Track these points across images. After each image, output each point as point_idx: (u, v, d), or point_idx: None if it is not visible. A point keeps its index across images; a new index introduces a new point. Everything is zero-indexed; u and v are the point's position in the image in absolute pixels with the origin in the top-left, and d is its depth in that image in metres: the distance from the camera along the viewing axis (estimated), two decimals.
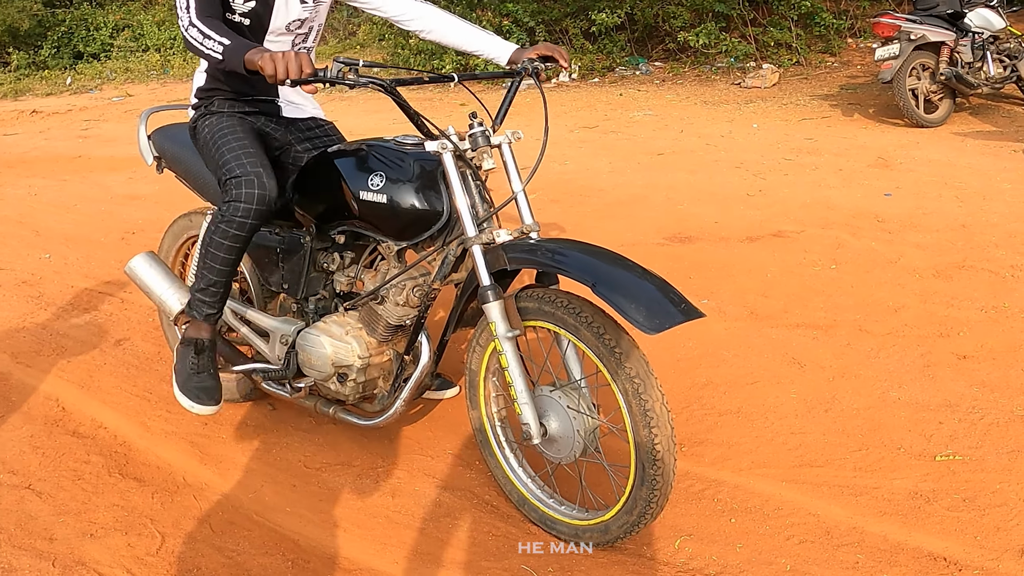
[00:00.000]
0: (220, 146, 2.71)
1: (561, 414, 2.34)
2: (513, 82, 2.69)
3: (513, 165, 2.50)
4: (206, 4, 2.49)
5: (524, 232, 2.43)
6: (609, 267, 2.20)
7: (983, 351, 3.36)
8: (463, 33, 2.88)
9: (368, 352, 2.72)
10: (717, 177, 6.27)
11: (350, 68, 2.21)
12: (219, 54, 2.35)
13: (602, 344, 2.18)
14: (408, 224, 2.55)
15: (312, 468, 2.96)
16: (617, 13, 11.43)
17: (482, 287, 2.35)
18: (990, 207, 5.15)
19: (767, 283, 4.17)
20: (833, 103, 8.93)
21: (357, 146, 2.72)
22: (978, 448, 2.76)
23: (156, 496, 2.84)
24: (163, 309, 3.18)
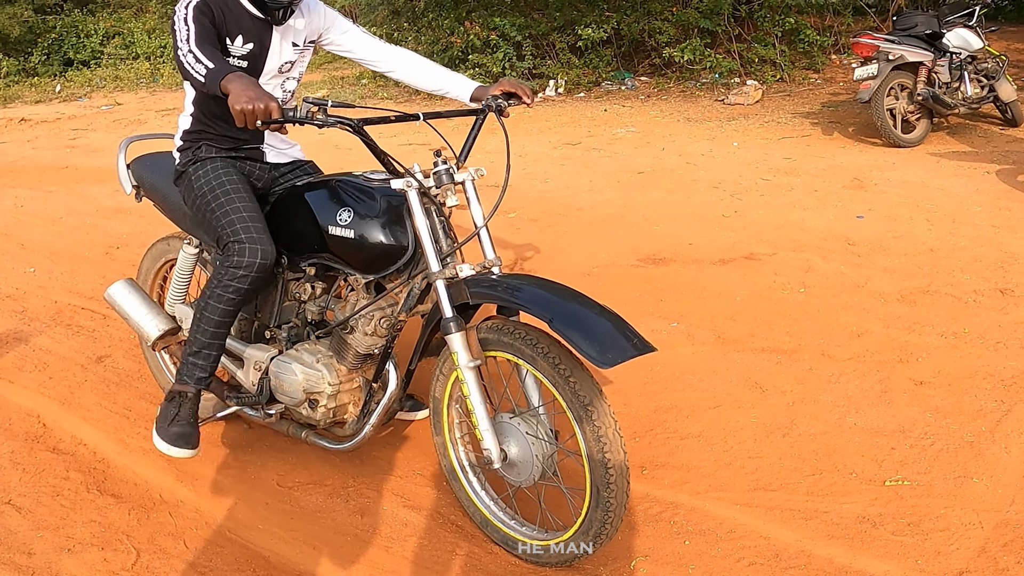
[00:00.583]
0: (221, 203, 2.78)
1: (520, 440, 2.44)
2: (477, 119, 2.80)
3: (476, 202, 2.61)
4: (205, 36, 2.56)
5: (486, 267, 2.54)
6: (566, 303, 2.30)
7: (940, 377, 3.47)
8: (427, 73, 3.03)
9: (338, 379, 2.81)
10: (695, 197, 6.37)
11: (319, 108, 2.28)
12: (202, 76, 2.41)
13: (557, 373, 2.29)
14: (375, 258, 2.65)
15: (285, 487, 3.04)
16: (603, 28, 11.55)
17: (445, 319, 2.45)
18: (959, 230, 5.26)
19: (736, 306, 4.27)
20: (814, 121, 9.05)
21: (326, 180, 2.83)
22: (926, 474, 2.86)
23: (133, 512, 2.91)
24: (141, 335, 3.26)
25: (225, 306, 2.74)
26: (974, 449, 2.97)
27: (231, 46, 2.74)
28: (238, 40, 2.75)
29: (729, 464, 3.00)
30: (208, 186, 2.84)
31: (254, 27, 2.78)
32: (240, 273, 2.70)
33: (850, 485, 2.83)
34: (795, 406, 3.33)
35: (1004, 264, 4.64)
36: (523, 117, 10.46)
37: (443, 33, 12.31)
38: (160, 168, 3.24)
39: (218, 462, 3.21)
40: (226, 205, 2.78)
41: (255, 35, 2.79)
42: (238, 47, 2.76)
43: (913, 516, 2.64)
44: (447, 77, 3.02)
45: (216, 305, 2.74)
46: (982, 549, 2.48)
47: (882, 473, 2.87)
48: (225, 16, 2.71)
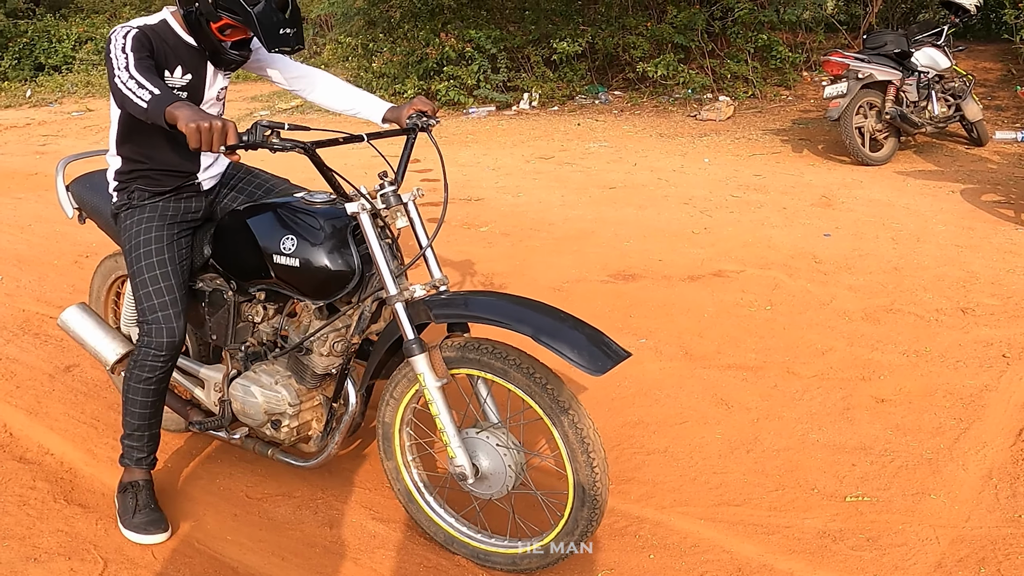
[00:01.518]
0: (139, 272, 2.78)
1: (491, 452, 2.46)
2: (408, 139, 2.82)
3: (419, 222, 2.62)
4: (146, 64, 2.51)
5: (435, 286, 2.55)
6: (538, 314, 2.34)
7: (901, 395, 3.54)
8: (339, 94, 3.03)
9: (299, 399, 2.82)
10: (665, 213, 6.44)
11: (272, 131, 2.27)
12: (145, 103, 2.35)
13: (533, 382, 2.32)
14: (323, 283, 2.64)
15: (254, 498, 3.05)
16: (578, 42, 11.64)
17: (408, 341, 2.44)
18: (923, 249, 5.36)
19: (704, 323, 4.33)
20: (784, 138, 9.16)
21: (268, 205, 2.81)
22: (886, 490, 2.92)
23: (100, 523, 2.91)
24: (99, 359, 3.24)
25: (146, 385, 2.76)
26: (932, 466, 3.03)
27: (170, 77, 2.71)
28: (177, 71, 2.72)
29: (694, 479, 3.05)
30: (132, 245, 2.83)
31: (191, 57, 2.75)
32: (152, 353, 2.72)
33: (812, 501, 2.88)
34: (759, 422, 3.38)
35: (966, 283, 4.74)
36: (496, 130, 10.52)
37: (418, 44, 12.35)
38: (101, 188, 3.12)
39: (187, 473, 3.22)
40: (144, 274, 2.78)
41: (193, 65, 2.77)
42: (177, 78, 2.73)
43: (872, 531, 2.70)
44: (358, 98, 3.02)
45: (137, 386, 2.77)
46: (938, 564, 2.53)
47: (843, 489, 2.93)
48: (163, 47, 2.68)
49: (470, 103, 11.80)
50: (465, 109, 11.84)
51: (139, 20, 2.69)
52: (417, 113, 2.85)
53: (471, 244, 5.66)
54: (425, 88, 11.94)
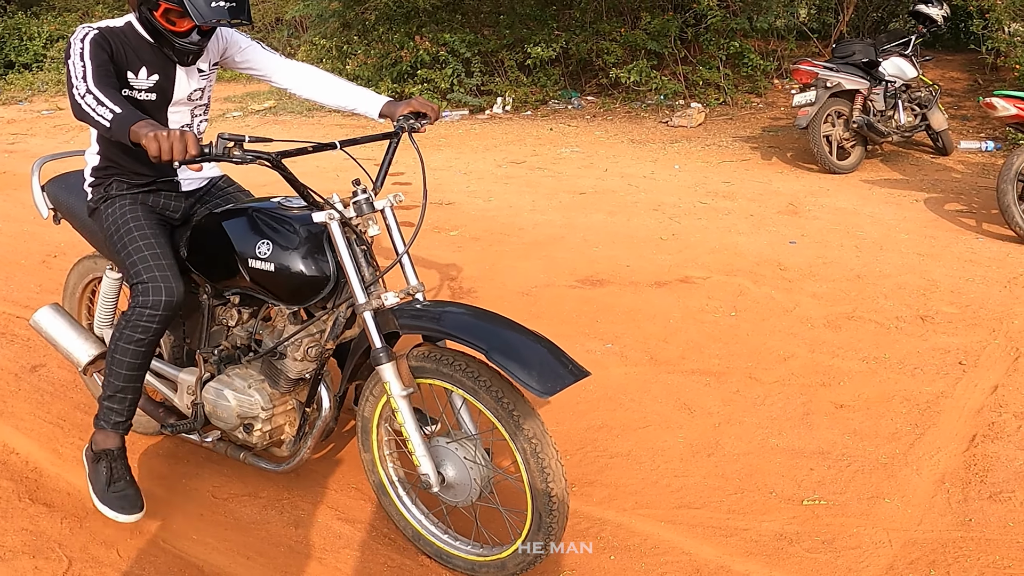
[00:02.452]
0: (125, 244, 2.75)
1: (458, 463, 2.49)
2: (391, 143, 2.80)
3: (396, 228, 2.64)
4: (104, 74, 2.50)
5: (411, 293, 2.57)
6: (499, 331, 2.35)
7: (859, 400, 3.61)
8: (332, 89, 2.98)
9: (272, 403, 2.82)
10: (634, 219, 6.51)
11: (235, 144, 2.27)
12: (107, 122, 2.35)
13: (501, 407, 2.32)
14: (297, 289, 2.65)
15: (220, 498, 3.07)
16: (552, 47, 11.68)
17: (375, 350, 2.46)
18: (885, 257, 5.45)
19: (669, 329, 4.39)
20: (754, 146, 9.26)
21: (244, 209, 2.80)
22: (842, 493, 2.98)
23: (65, 522, 2.93)
24: (71, 360, 3.23)
25: (136, 347, 2.71)
26: (888, 470, 3.10)
27: (135, 79, 2.68)
28: (142, 72, 2.69)
29: (656, 482, 3.10)
30: (115, 226, 2.81)
31: (156, 57, 2.72)
32: (147, 313, 2.67)
33: (770, 504, 2.94)
34: (721, 427, 3.44)
35: (926, 292, 4.83)
36: (469, 135, 10.55)
37: (393, 47, 12.36)
38: (78, 189, 3.13)
39: (153, 473, 3.23)
40: (130, 245, 2.74)
41: (159, 65, 2.73)
42: (143, 80, 2.70)
43: (828, 534, 2.76)
44: (353, 93, 2.96)
45: (127, 347, 2.71)
46: (890, 567, 2.60)
47: (800, 493, 2.99)
48: (125, 49, 2.65)
49: (443, 107, 11.81)
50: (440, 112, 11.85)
51: (103, 22, 2.69)
52: (409, 115, 2.81)
53: (441, 248, 5.68)
54: (399, 91, 11.94)
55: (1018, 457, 3.16)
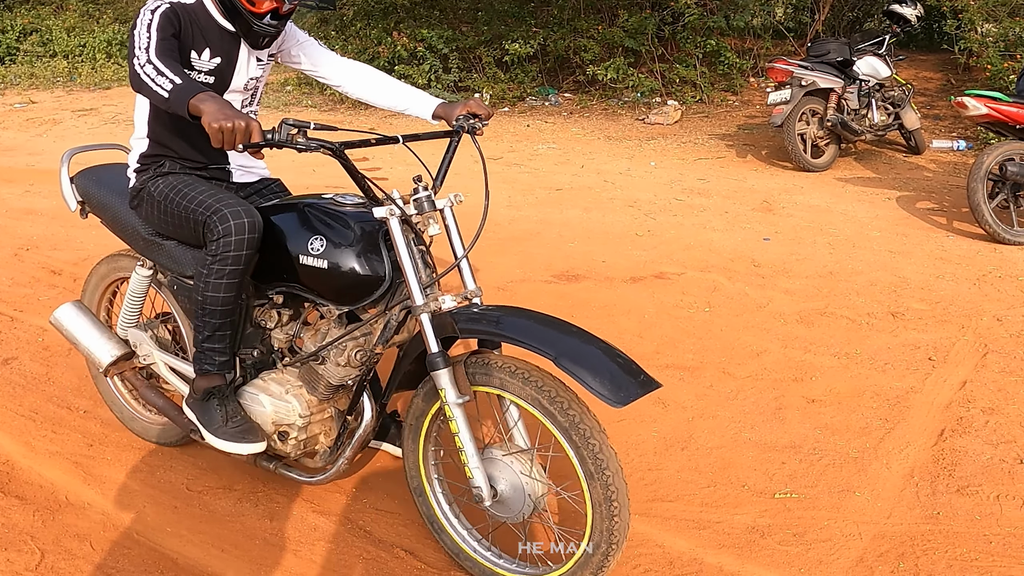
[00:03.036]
0: (187, 194, 2.64)
1: (512, 478, 2.36)
2: (452, 142, 2.69)
3: (456, 230, 2.51)
4: (167, 48, 2.41)
5: (468, 297, 2.44)
6: (565, 337, 2.23)
7: (831, 395, 3.66)
8: (386, 89, 2.89)
9: (309, 411, 2.68)
10: (610, 216, 6.54)
11: (299, 131, 2.18)
12: (166, 91, 2.24)
13: (567, 419, 2.20)
14: (350, 289, 2.52)
15: (194, 491, 3.07)
16: (530, 43, 11.69)
17: (431, 355, 2.34)
18: (858, 255, 5.52)
19: (644, 324, 4.43)
20: (729, 143, 9.33)
21: (295, 204, 2.68)
22: (814, 487, 3.02)
23: (37, 514, 2.92)
24: (92, 361, 3.12)
25: (229, 279, 2.55)
26: (858, 464, 3.15)
27: (197, 60, 2.61)
28: (205, 53, 2.62)
29: (630, 476, 3.11)
30: (171, 188, 2.69)
31: (223, 40, 2.65)
32: (233, 240, 2.50)
33: (742, 497, 2.98)
34: (694, 421, 3.48)
35: (897, 288, 4.89)
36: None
37: (371, 43, 12.33)
38: (109, 182, 3.04)
39: (126, 465, 3.23)
40: (192, 192, 2.62)
41: (223, 49, 2.66)
42: (204, 61, 2.62)
43: (799, 527, 2.80)
44: (407, 94, 2.87)
45: (218, 282, 2.55)
46: (860, 559, 2.64)
47: (772, 486, 3.03)
48: (193, 27, 2.58)
49: None
50: None
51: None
52: (467, 115, 2.73)
53: None
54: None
55: (985, 451, 3.21)
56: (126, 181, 2.91)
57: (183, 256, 2.82)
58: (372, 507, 2.95)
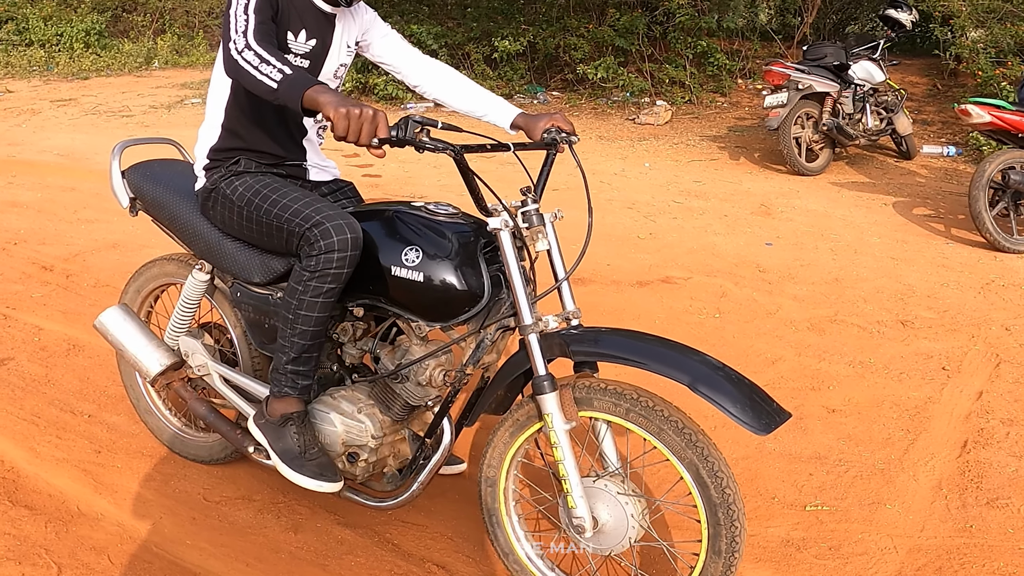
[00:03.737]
0: (276, 201, 2.47)
1: (610, 502, 2.24)
2: (548, 155, 2.55)
3: (557, 247, 2.36)
4: (267, 32, 2.26)
5: (568, 318, 2.31)
6: (692, 361, 2.12)
7: (850, 405, 3.64)
8: (465, 94, 2.74)
9: (383, 432, 2.55)
10: (610, 217, 6.50)
11: (423, 129, 2.06)
12: (275, 82, 2.09)
13: (695, 453, 2.09)
14: (444, 304, 2.36)
15: (212, 501, 2.99)
16: (520, 41, 11.65)
17: (538, 377, 2.20)
18: (861, 261, 5.52)
19: (656, 329, 4.35)
20: (721, 145, 9.32)
21: (384, 211, 2.51)
22: (843, 499, 3.00)
23: (50, 525, 2.82)
24: (139, 370, 2.95)
25: (325, 298, 2.40)
26: (885, 476, 3.13)
27: (293, 41, 2.46)
28: (301, 35, 2.47)
29: None
30: (252, 191, 2.52)
31: (318, 21, 2.51)
32: (336, 256, 2.34)
33: (773, 509, 2.94)
34: (717, 431, 3.43)
35: (903, 296, 4.89)
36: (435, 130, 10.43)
37: None
38: (165, 178, 2.87)
39: (138, 474, 3.13)
40: (282, 200, 2.45)
41: (318, 30, 2.52)
42: (301, 43, 2.47)
43: (834, 540, 2.77)
44: (486, 100, 2.71)
45: (314, 300, 2.40)
46: (898, 573, 2.62)
47: (802, 498, 3.01)
48: (291, 7, 2.43)
49: (408, 98, 11.72)
50: (403, 104, 11.75)
51: None
52: (556, 129, 2.58)
53: None
54: (363, 81, 11.82)
55: (1010, 464, 3.20)
56: (183, 177, 2.78)
57: (250, 261, 2.66)
58: (398, 519, 2.88)
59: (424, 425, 2.64)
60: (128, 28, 18.34)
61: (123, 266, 5.26)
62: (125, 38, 17.81)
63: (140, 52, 16.64)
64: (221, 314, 2.99)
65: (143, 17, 18.37)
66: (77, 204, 6.88)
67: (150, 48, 17.01)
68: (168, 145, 3.20)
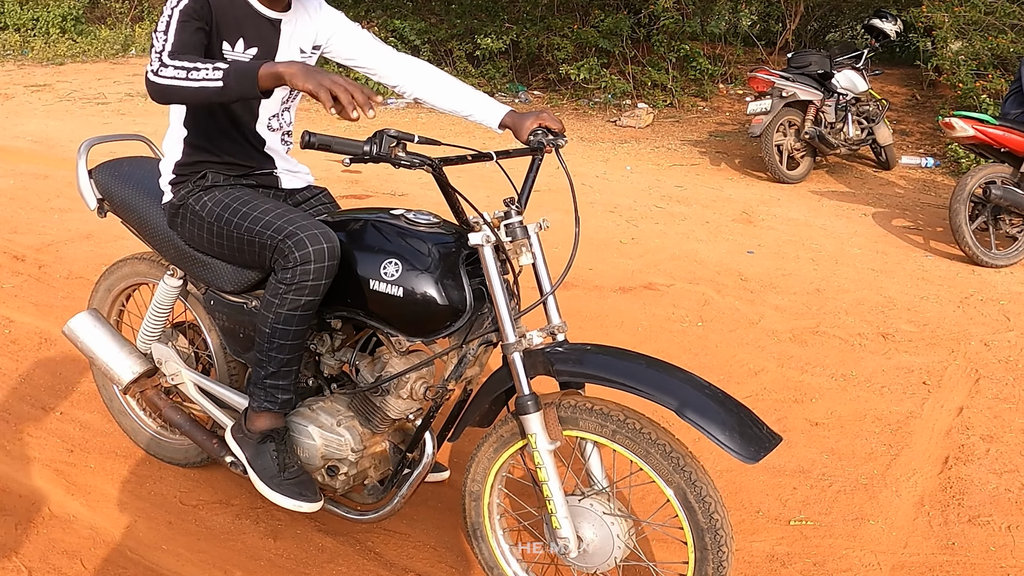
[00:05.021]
0: (246, 214, 2.36)
1: (595, 521, 2.21)
2: (534, 160, 2.46)
3: (542, 259, 2.28)
4: (187, 43, 2.15)
5: (553, 333, 2.26)
6: (679, 384, 2.06)
7: (832, 418, 3.63)
8: (449, 92, 2.63)
9: (363, 445, 2.47)
10: (592, 221, 6.47)
11: (399, 143, 1.96)
12: (218, 80, 1.97)
13: (683, 477, 2.04)
14: (424, 319, 2.28)
15: (188, 505, 2.93)
16: (503, 39, 11.61)
17: (522, 397, 2.15)
18: (842, 272, 5.53)
19: (639, 337, 4.37)
20: (702, 150, 9.33)
21: (362, 220, 2.41)
22: (827, 514, 2.99)
23: (20, 527, 2.76)
24: (111, 377, 2.86)
25: (303, 311, 2.30)
26: (868, 491, 3.12)
27: (230, 51, 2.32)
28: (239, 44, 2.34)
29: None
30: (222, 206, 2.41)
31: (259, 27, 2.37)
32: (312, 268, 2.24)
33: (758, 524, 2.93)
34: (701, 441, 3.37)
35: (884, 308, 4.91)
36: (416, 124, 10.41)
37: None
38: (135, 178, 2.74)
39: (112, 475, 3.07)
40: (253, 212, 2.34)
41: (259, 37, 2.38)
42: (238, 54, 2.33)
43: (818, 556, 2.76)
44: (471, 98, 2.60)
45: (292, 313, 2.30)
46: None
47: (787, 512, 2.99)
48: (228, 16, 2.30)
49: (389, 93, 11.64)
50: (384, 99, 11.67)
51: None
52: (543, 130, 2.48)
53: None
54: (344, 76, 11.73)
55: (990, 480, 3.21)
56: (154, 177, 2.66)
57: (223, 269, 2.57)
58: (380, 528, 2.83)
59: (406, 437, 2.60)
60: (105, 14, 18.08)
61: (97, 258, 5.17)
62: (102, 24, 17.56)
63: (117, 39, 16.40)
64: (196, 317, 2.92)
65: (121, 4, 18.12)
66: (50, 192, 6.76)
67: (127, 35, 16.77)
68: (138, 141, 3.07)
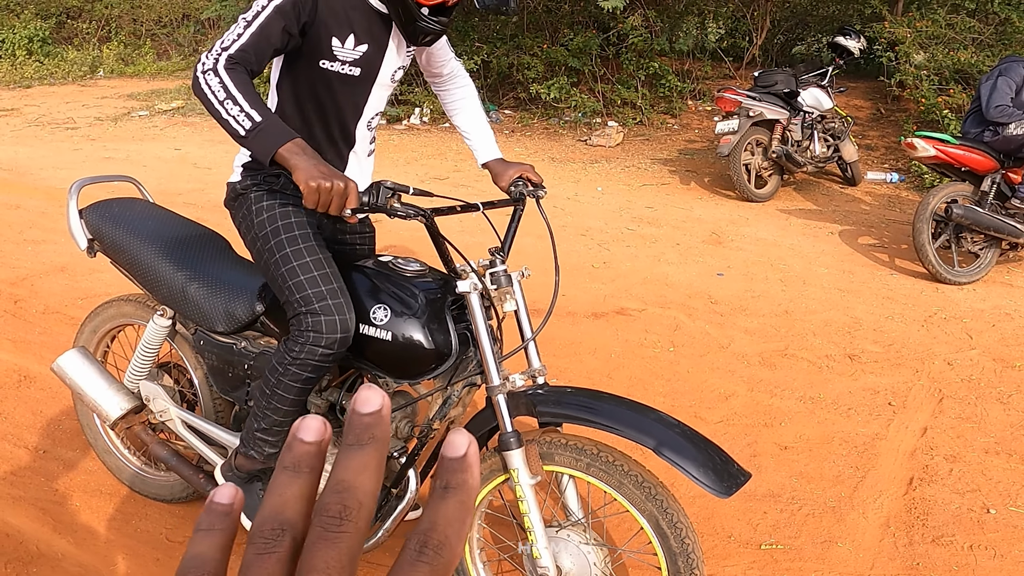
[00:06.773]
0: (288, 257, 2.34)
1: (573, 551, 2.31)
2: (516, 210, 2.59)
3: (523, 306, 2.38)
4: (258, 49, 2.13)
5: (533, 376, 2.36)
6: (655, 424, 2.18)
7: (801, 442, 3.74)
8: (469, 116, 2.80)
9: None
10: (563, 244, 6.56)
11: (394, 194, 2.07)
12: (243, 128, 2.01)
13: (655, 504, 2.17)
14: (411, 363, 2.37)
15: (175, 541, 2.97)
16: (473, 59, 11.70)
17: (505, 434, 2.26)
18: (810, 293, 5.65)
19: (612, 364, 4.46)
20: (672, 169, 9.46)
21: (354, 267, 2.50)
22: (797, 537, 3.09)
23: (10, 566, 2.80)
24: (99, 413, 2.91)
25: (303, 384, 2.36)
26: (836, 514, 3.22)
27: (340, 48, 2.30)
28: (349, 40, 2.31)
29: None
30: (272, 226, 2.39)
31: (371, 23, 2.34)
32: (320, 351, 2.28)
33: (730, 548, 3.02)
34: (672, 469, 3.50)
35: (851, 329, 5.03)
36: (387, 145, 10.45)
37: None
38: (125, 220, 2.79)
39: (98, 513, 3.11)
40: (295, 260, 2.33)
41: (372, 34, 2.35)
42: (348, 50, 2.31)
43: None
44: (480, 131, 2.78)
45: (291, 384, 2.35)
46: None
47: (757, 537, 3.09)
48: (336, 8, 2.26)
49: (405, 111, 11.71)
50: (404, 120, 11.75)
51: None
52: (523, 181, 2.64)
53: None
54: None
55: (953, 500, 3.32)
56: (144, 219, 2.71)
57: (214, 310, 2.62)
58: (364, 560, 2.89)
59: (390, 474, 2.66)
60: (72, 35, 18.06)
61: (73, 291, 5.19)
62: (69, 45, 17.53)
63: (85, 60, 16.39)
64: (181, 356, 2.97)
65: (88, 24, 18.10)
66: (22, 223, 6.75)
67: (95, 56, 16.76)
68: (128, 182, 3.10)
